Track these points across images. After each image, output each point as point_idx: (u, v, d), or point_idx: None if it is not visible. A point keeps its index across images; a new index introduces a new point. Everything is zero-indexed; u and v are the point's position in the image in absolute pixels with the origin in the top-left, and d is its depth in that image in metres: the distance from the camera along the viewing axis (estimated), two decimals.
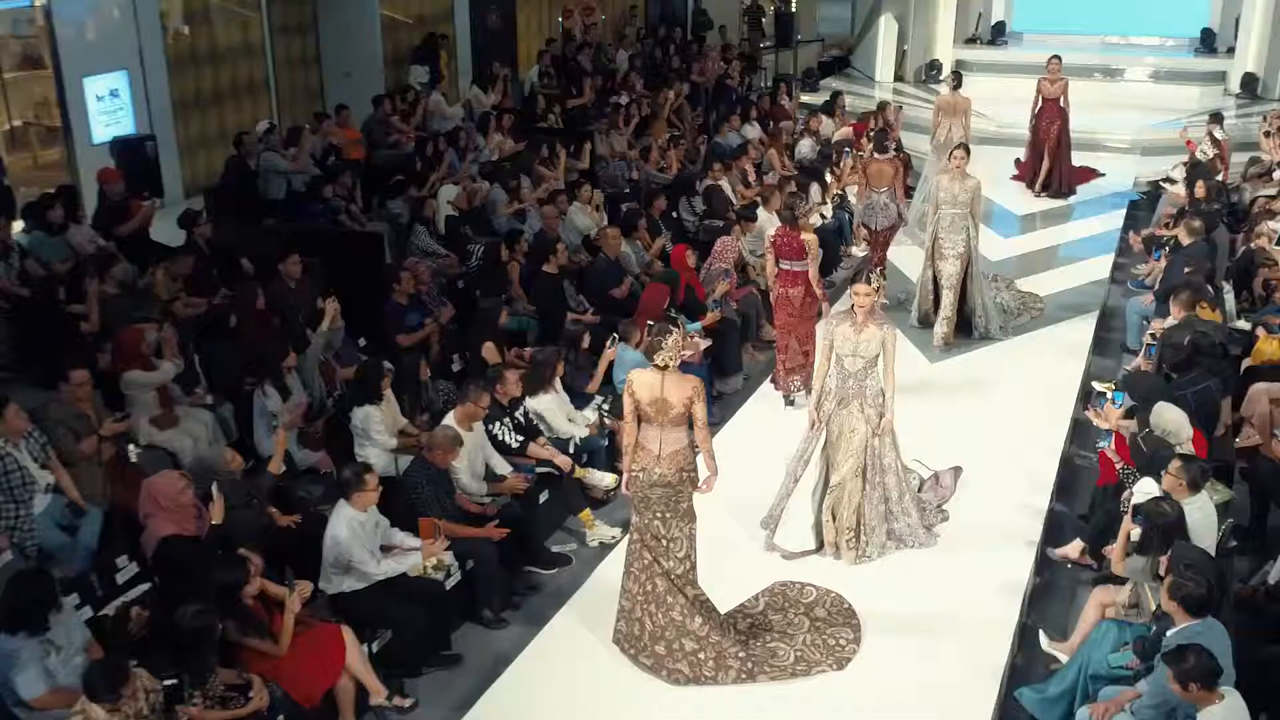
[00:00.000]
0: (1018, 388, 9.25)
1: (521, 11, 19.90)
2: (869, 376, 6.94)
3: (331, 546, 5.99)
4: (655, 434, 5.87)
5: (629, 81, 16.65)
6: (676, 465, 5.88)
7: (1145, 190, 14.71)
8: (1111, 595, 6.10)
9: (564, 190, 11.47)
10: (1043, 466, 8.07)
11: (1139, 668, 5.51)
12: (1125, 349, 10.37)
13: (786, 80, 18.30)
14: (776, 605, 6.59)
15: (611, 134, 14.10)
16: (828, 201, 12.60)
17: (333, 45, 17.14)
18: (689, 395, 5.78)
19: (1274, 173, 13.56)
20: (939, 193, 9.92)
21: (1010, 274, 11.83)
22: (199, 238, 9.24)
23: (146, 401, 7.68)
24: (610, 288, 9.86)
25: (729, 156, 13.12)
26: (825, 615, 6.49)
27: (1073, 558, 7.16)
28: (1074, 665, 5.79)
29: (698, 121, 16.37)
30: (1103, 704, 5.31)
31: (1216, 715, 4.67)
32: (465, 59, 18.67)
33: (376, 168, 12.27)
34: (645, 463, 5.91)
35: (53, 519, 6.72)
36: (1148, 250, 12.40)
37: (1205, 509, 6.14)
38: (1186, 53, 21.60)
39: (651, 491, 5.92)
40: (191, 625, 5.05)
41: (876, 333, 6.82)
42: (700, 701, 5.97)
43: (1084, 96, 15.64)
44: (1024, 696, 5.91)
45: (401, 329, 8.90)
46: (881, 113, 15.02)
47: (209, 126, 14.49)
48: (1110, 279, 11.91)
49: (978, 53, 21.43)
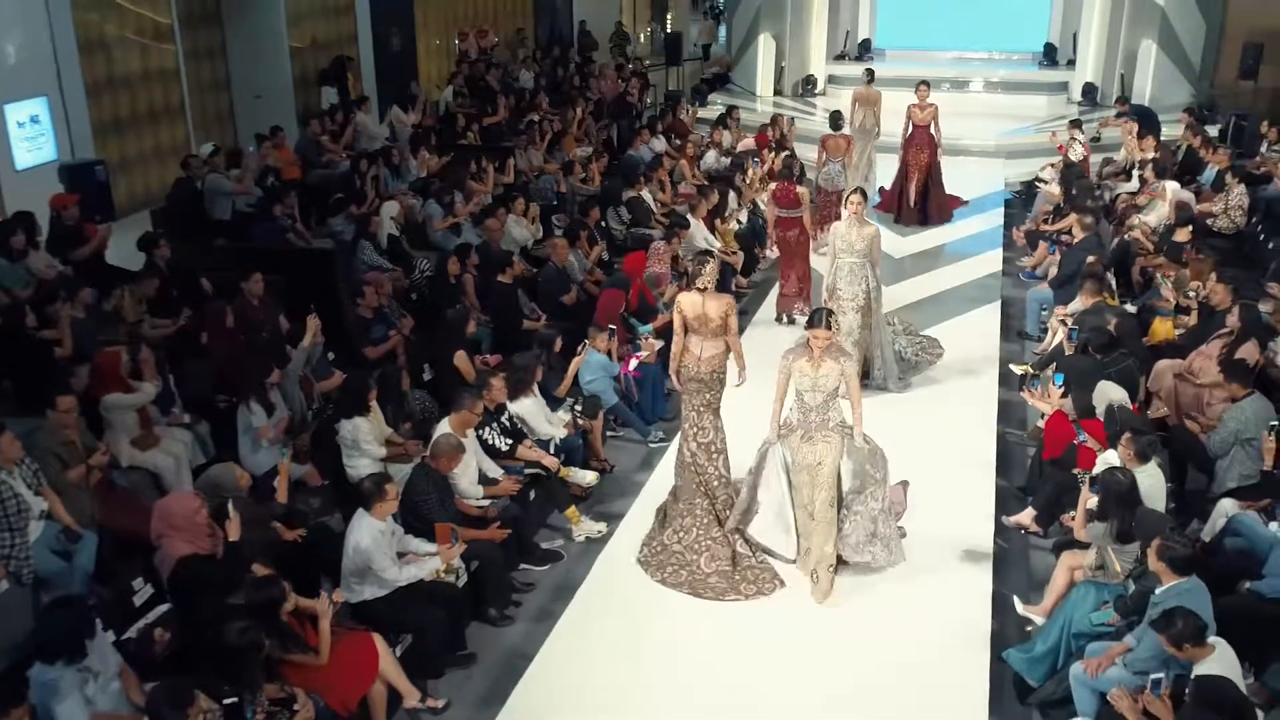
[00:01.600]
0: (944, 375, 9.46)
1: (421, 34, 19.58)
2: (830, 409, 6.72)
3: (354, 556, 5.76)
4: (697, 342, 6.96)
5: (537, 100, 16.50)
6: (711, 368, 6.96)
7: (1018, 190, 15.26)
8: (1078, 559, 6.29)
9: (502, 203, 11.29)
10: (982, 445, 8.28)
11: (1120, 623, 5.70)
12: (1023, 334, 10.72)
13: (678, 96, 18.44)
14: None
15: (529, 150, 13.96)
16: (743, 207, 12.69)
17: (242, 69, 16.57)
18: (724, 310, 6.86)
19: (1131, 171, 14.24)
20: (836, 241, 8.94)
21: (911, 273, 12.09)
22: (159, 259, 8.77)
23: (126, 423, 7.28)
24: (560, 295, 9.76)
25: (647, 169, 13.11)
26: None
27: (1025, 524, 7.36)
28: (1056, 625, 5.91)
29: (602, 136, 16.34)
30: (1095, 659, 5.44)
31: (1212, 666, 4.84)
32: (370, 80, 18.32)
33: (311, 187, 11.87)
34: (689, 363, 7.02)
35: (48, 545, 6.32)
36: (1030, 244, 12.86)
37: (1155, 477, 6.39)
38: (1031, 65, 22.52)
39: (690, 384, 7.03)
40: (239, 643, 4.79)
41: (834, 366, 6.60)
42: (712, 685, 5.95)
43: (943, 107, 15.80)
44: (1011, 657, 6.00)
45: (368, 341, 8.66)
46: (776, 124, 15.27)
47: (128, 150, 13.81)
48: (1003, 271, 12.29)
49: (846, 67, 21.90)
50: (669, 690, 5.92)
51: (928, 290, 11.61)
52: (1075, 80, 20.50)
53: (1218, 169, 12.97)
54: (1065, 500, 7.13)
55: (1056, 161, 14.42)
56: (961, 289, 11.68)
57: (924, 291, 11.59)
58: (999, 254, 12.81)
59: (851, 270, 8.87)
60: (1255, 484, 7.18)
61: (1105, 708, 5.32)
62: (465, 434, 6.89)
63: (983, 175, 16.02)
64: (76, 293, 7.81)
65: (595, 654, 6.18)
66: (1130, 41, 19.35)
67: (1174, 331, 9.24)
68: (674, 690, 5.91)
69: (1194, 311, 9.15)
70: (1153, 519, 5.77)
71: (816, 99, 20.78)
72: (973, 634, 6.25)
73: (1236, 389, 7.40)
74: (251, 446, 7.24)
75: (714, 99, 20.34)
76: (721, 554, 6.86)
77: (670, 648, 6.26)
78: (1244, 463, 7.26)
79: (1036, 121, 19.26)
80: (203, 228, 10.46)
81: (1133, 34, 19.30)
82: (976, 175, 15.87)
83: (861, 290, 8.88)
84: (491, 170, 12.48)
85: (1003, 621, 6.47)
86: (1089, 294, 9.02)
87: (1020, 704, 5.88)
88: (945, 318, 10.81)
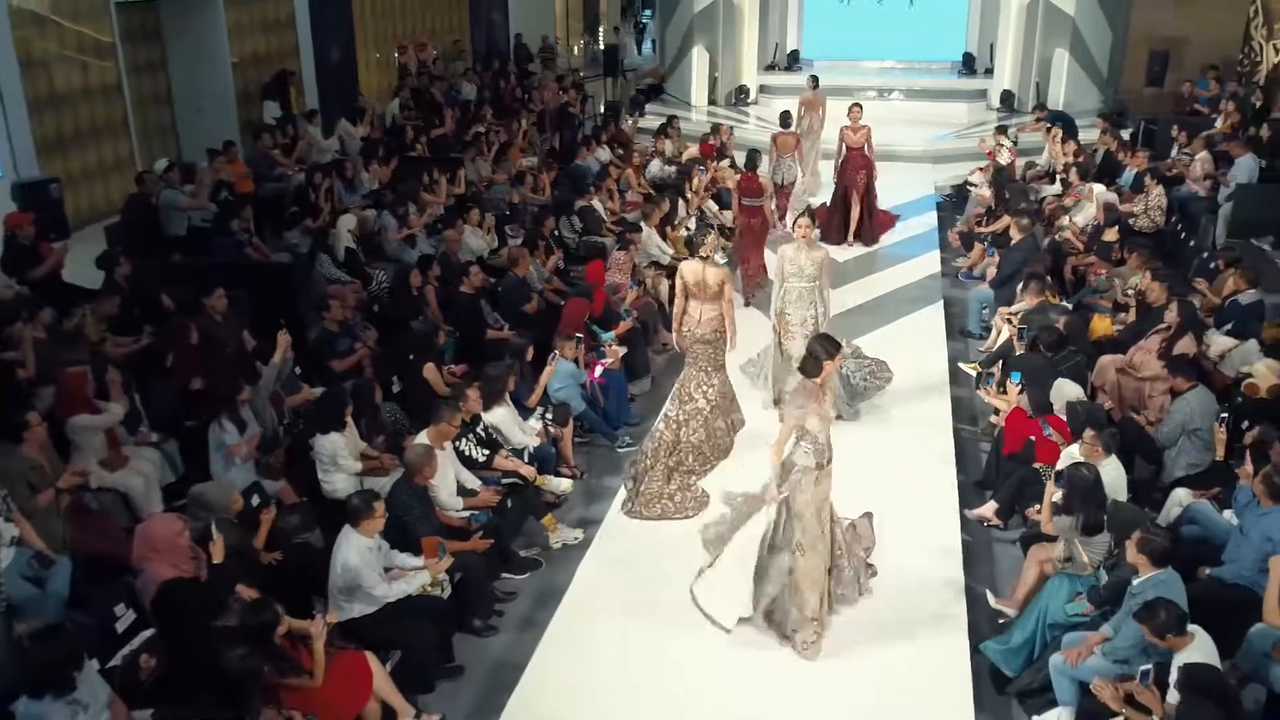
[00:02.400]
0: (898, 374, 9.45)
1: (361, 48, 19.21)
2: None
3: (342, 574, 5.54)
4: (696, 306, 7.65)
5: (481, 112, 16.26)
6: (711, 328, 7.65)
7: (949, 194, 15.40)
8: (1047, 552, 6.30)
9: (457, 214, 11.06)
10: (940, 441, 8.30)
11: (1093, 614, 5.72)
12: (965, 333, 10.80)
13: (618, 107, 18.32)
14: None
15: (477, 161, 13.74)
16: (691, 215, 12.61)
17: (184, 83, 16.09)
18: (721, 278, 7.57)
19: (1054, 174, 14.47)
20: (784, 264, 8.41)
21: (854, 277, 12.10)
22: (119, 277, 8.40)
23: (94, 444, 6.95)
24: (522, 304, 9.58)
25: (596, 179, 12.98)
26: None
27: (988, 517, 7.38)
28: (1031, 616, 5.91)
29: (546, 147, 16.15)
30: (1074, 650, 5.44)
31: (1193, 654, 4.86)
32: (312, 93, 17.93)
33: (264, 200, 11.51)
34: (689, 325, 7.68)
35: (20, 572, 5.97)
36: (965, 245, 13.00)
37: (1117, 469, 6.45)
38: (950, 74, 22.83)
39: (695, 347, 7.70)
40: (239, 670, 4.56)
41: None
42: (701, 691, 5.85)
43: (869, 115, 15.78)
44: (988, 649, 5.98)
45: (334, 354, 8.39)
46: (718, 133, 15.24)
47: (72, 166, 13.26)
48: (941, 272, 12.37)
49: (776, 78, 22.01)
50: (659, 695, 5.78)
51: (872, 293, 11.63)
52: (993, 88, 20.81)
53: (1136, 171, 13.21)
54: (1027, 494, 7.18)
55: (985, 166, 14.59)
56: (904, 290, 11.73)
57: (868, 294, 11.60)
58: (936, 255, 12.90)
59: (800, 295, 8.37)
60: (1203, 472, 7.31)
61: (1085, 697, 5.33)
62: (443, 446, 6.69)
63: (912, 180, 16.14)
64: (37, 313, 7.43)
65: (584, 660, 6.02)
66: (1044, 50, 19.69)
67: (1112, 328, 9.37)
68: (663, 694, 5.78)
69: (1132, 308, 9.28)
70: (1127, 512, 5.80)
71: (749, 108, 20.84)
72: (951, 627, 6.22)
73: (1181, 382, 7.51)
74: (224, 464, 6.95)
75: (651, 109, 20.26)
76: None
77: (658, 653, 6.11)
78: (1191, 452, 7.38)
79: (958, 128, 19.49)
80: (158, 244, 10.06)
81: (1046, 43, 19.65)
82: (907, 180, 15.97)
83: (811, 315, 8.36)
84: (444, 181, 12.24)
85: (976, 614, 6.45)
86: (1034, 294, 9.11)
87: (998, 694, 5.87)
88: (892, 319, 10.82)
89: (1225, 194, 12.67)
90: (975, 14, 22.74)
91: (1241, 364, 8.47)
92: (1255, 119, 15.35)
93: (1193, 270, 10.95)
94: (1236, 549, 5.98)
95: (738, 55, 20.98)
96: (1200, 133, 14.91)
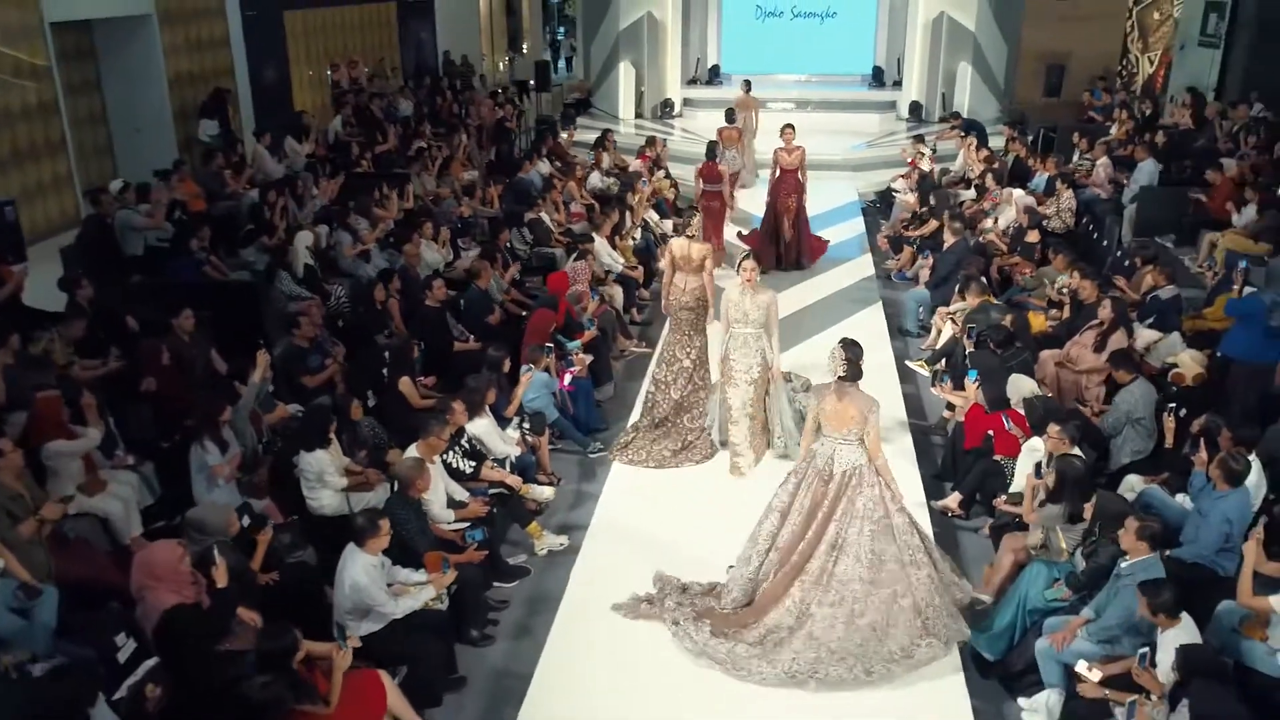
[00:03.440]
0: None
1: (295, 66, 18.64)
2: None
3: (351, 594, 5.28)
4: (682, 278, 8.31)
5: (421, 128, 15.90)
6: (695, 296, 8.29)
7: (872, 199, 15.56)
8: (1020, 540, 6.33)
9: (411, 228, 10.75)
10: (898, 436, 8.31)
11: (1072, 598, 5.75)
12: (904, 332, 10.88)
13: (552, 121, 18.11)
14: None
15: (422, 175, 13.42)
16: (636, 225, 12.50)
17: (120, 103, 15.39)
18: (704, 253, 8.34)
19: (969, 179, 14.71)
20: (729, 309, 7.73)
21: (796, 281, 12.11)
22: (81, 299, 7.93)
23: (71, 470, 6.54)
24: (485, 316, 9.35)
25: (542, 191, 12.80)
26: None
27: (952, 508, 7.41)
28: (1011, 603, 5.91)
29: (485, 160, 15.88)
30: (1060, 633, 5.46)
31: (1180, 635, 4.91)
32: (248, 111, 17.34)
33: (216, 219, 11.03)
34: (676, 295, 8.33)
35: (5, 604, 5.56)
36: (894, 248, 13.13)
37: (1080, 459, 6.49)
38: (861, 86, 23.13)
39: (680, 313, 8.32)
40: (262, 698, 4.29)
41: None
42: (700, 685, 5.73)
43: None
44: (972, 635, 5.99)
45: (306, 370, 8.06)
46: (653, 145, 15.17)
47: (11, 187, 12.55)
48: (876, 274, 12.47)
49: (698, 91, 22.06)
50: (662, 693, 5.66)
51: (813, 296, 11.66)
52: (902, 99, 21.16)
53: (1048, 176, 13.50)
54: (989, 484, 7.23)
55: (907, 173, 14.78)
56: (844, 292, 11.78)
57: (810, 298, 11.62)
58: (869, 259, 13.00)
59: (746, 341, 7.74)
60: (1146, 458, 7.45)
61: (1072, 679, 5.36)
62: (433, 459, 6.46)
63: (836, 187, 16.28)
64: (7, 338, 6.96)
65: (587, 666, 5.86)
66: (949, 63, 20.11)
67: (1046, 324, 9.53)
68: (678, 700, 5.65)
69: (1066, 306, 9.44)
70: (1117, 502, 5.85)
71: (675, 120, 20.82)
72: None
73: (1123, 375, 7.64)
74: (206, 486, 6.59)
75: (581, 123, 20.09)
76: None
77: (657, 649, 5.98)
78: (1135, 440, 7.51)
79: (871, 137, 19.77)
80: (116, 264, 9.54)
81: (950, 57, 20.06)
82: (831, 188, 16.10)
83: (757, 363, 7.76)
84: (395, 196, 11.91)
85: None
86: (975, 294, 9.20)
87: (982, 678, 5.88)
88: (835, 320, 10.84)
89: (1129, 195, 13.06)
90: (883, 30, 23.11)
91: (1167, 355, 8.70)
92: (1146, 125, 15.85)
93: (1106, 268, 11.22)
94: (1195, 530, 6.07)
95: (662, 70, 20.97)
96: (1098, 139, 15.37)
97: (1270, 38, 16.31)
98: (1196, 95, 16.42)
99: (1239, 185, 11.96)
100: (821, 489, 5.90)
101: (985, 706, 5.63)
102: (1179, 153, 14.41)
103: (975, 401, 7.56)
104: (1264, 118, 14.80)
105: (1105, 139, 15.45)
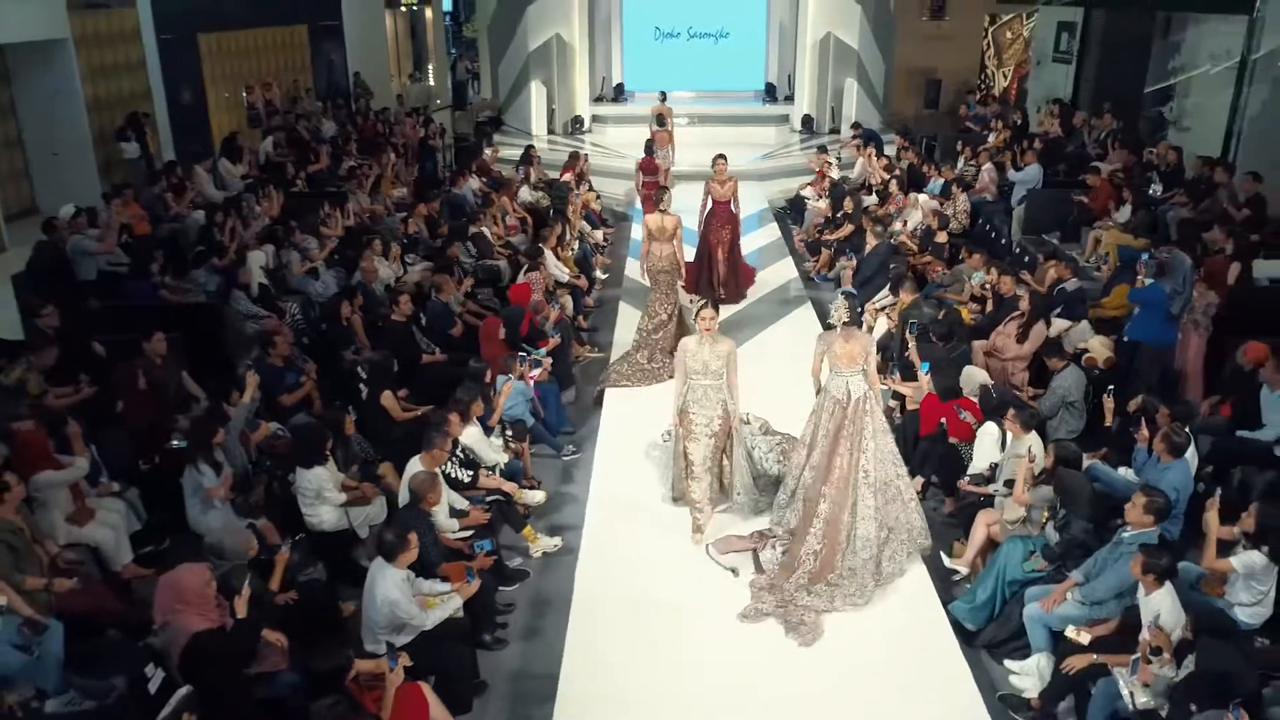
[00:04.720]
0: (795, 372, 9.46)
1: (210, 88, 17.83)
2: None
3: (385, 609, 5.04)
4: (659, 246, 9.68)
5: (348, 148, 15.40)
6: (669, 261, 9.68)
7: (783, 206, 15.76)
8: (993, 516, 6.47)
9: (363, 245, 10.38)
10: None
11: (1048, 569, 5.91)
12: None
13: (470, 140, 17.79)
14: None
15: (357, 193, 12.99)
16: (574, 237, 12.36)
17: (35, 126, 14.51)
18: (675, 224, 9.76)
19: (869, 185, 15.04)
20: (687, 359, 6.84)
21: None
22: (46, 327, 7.38)
23: (59, 500, 6.09)
24: (448, 328, 9.10)
25: (481, 206, 12.55)
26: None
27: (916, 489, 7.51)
28: (991, 575, 6.04)
29: (411, 177, 15.48)
30: (1047, 598, 5.61)
31: (1164, 598, 5.07)
32: (166, 134, 16.51)
33: (163, 241, 10.43)
34: (654, 261, 9.67)
35: (7, 640, 5.15)
36: (811, 251, 13.32)
37: (1037, 444, 6.66)
38: (755, 101, 23.42)
39: (659, 275, 9.62)
40: (329, 718, 4.04)
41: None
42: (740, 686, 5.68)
43: (687, 139, 17.27)
44: (956, 608, 6.11)
45: (283, 389, 7.69)
46: (577, 160, 15.04)
47: None
48: (799, 275, 12.62)
49: (605, 108, 21.99)
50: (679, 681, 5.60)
51: (749, 298, 11.73)
52: (795, 113, 21.52)
53: (945, 181, 13.91)
54: (947, 467, 7.37)
55: (814, 181, 15.01)
56: (775, 293, 11.89)
57: (743, 301, 11.69)
58: (790, 261, 13.16)
59: (705, 393, 6.86)
60: (1078, 436, 7.73)
61: (1059, 641, 5.50)
62: (436, 471, 6.24)
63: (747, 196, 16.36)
64: None
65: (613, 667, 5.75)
66: (836, 79, 20.54)
67: (970, 318, 9.80)
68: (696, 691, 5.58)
69: (989, 300, 9.72)
70: (1074, 478, 6.03)
71: (585, 135, 20.70)
72: (922, 591, 6.30)
73: (1056, 362, 7.91)
74: (201, 508, 6.22)
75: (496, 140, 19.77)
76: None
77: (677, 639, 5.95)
78: (1069, 421, 7.78)
79: (768, 149, 20.04)
80: (71, 290, 8.92)
81: (838, 73, 20.50)
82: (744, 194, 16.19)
83: (717, 415, 6.87)
84: (337, 214, 11.50)
85: (932, 575, 6.57)
86: (909, 291, 9.38)
87: (969, 647, 5.99)
88: (773, 320, 10.95)
89: (1018, 197, 13.56)
90: (774, 49, 23.45)
91: (1079, 341, 9.07)
92: (1019, 134, 16.50)
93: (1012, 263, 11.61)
94: None
95: (572, 88, 20.84)
96: (980, 147, 15.92)
97: (1117, 54, 17.22)
98: (1064, 106, 17.16)
99: (1115, 186, 12.55)
100: (841, 414, 6.63)
101: (978, 675, 5.74)
102: (1053, 158, 15.04)
103: (929, 392, 7.70)
104: (1120, 126, 15.57)
105: (986, 147, 16.01)
